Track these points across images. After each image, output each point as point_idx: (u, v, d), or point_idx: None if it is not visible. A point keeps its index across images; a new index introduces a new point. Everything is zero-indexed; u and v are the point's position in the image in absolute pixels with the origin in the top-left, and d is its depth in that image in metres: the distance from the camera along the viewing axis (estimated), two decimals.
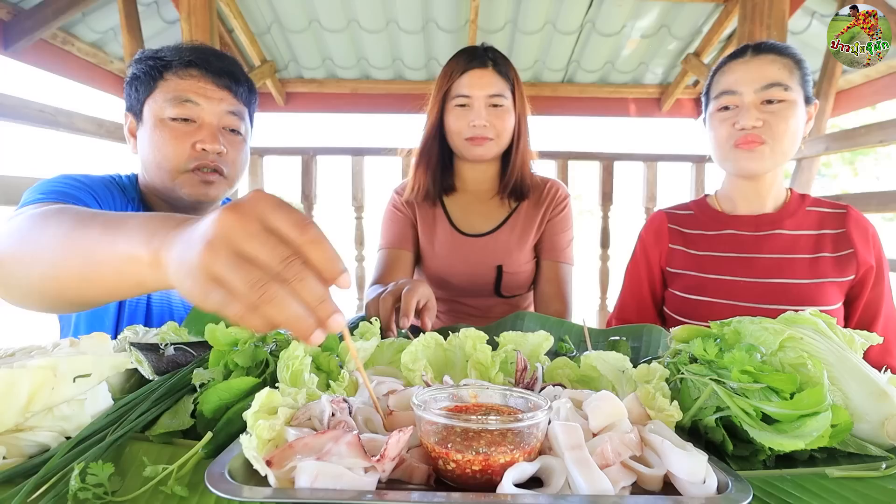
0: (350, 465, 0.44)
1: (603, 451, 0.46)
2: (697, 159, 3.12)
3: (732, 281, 1.16)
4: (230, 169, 1.10)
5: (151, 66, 1.06)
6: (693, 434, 0.60)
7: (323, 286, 0.43)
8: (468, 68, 1.29)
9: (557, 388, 0.64)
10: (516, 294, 1.44)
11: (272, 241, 0.41)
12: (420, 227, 1.45)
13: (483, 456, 0.44)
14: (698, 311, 1.18)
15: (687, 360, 0.65)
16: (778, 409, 0.53)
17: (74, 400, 0.56)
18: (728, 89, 1.12)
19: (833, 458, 0.57)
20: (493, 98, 1.29)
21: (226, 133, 1.09)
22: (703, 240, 1.23)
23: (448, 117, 1.32)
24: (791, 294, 1.11)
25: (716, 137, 1.16)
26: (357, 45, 3.61)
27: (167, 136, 1.04)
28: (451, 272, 1.41)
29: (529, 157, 1.41)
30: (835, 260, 1.12)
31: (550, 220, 1.43)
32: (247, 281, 0.40)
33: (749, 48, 1.13)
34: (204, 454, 0.52)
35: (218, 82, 1.07)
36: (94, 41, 3.25)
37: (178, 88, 1.04)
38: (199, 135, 1.05)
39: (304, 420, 0.52)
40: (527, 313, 1.08)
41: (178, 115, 1.04)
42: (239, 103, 1.10)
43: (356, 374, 0.66)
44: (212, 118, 1.06)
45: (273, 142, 3.26)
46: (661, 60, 3.81)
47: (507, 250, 1.39)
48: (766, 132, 1.08)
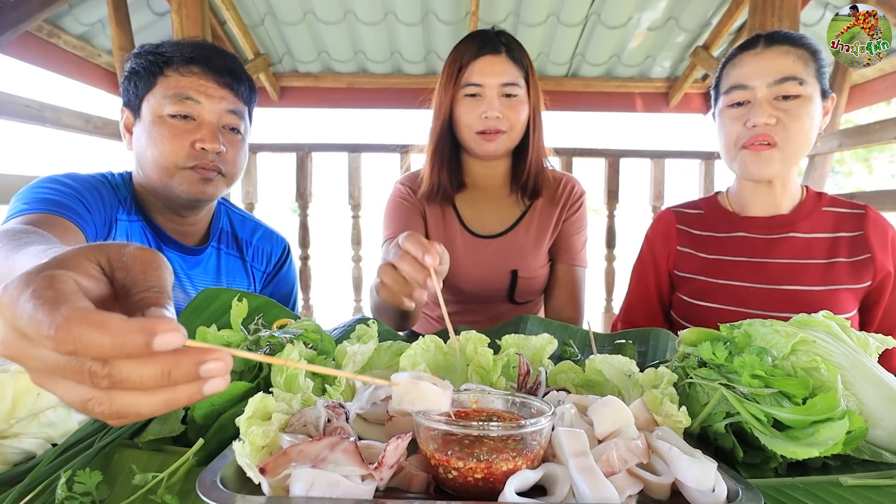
0: (347, 472, 0.44)
1: (608, 459, 0.46)
2: (706, 156, 3.12)
3: (742, 287, 1.14)
4: (229, 168, 1.11)
5: (151, 61, 1.06)
6: (702, 441, 0.60)
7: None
8: (479, 55, 1.22)
9: (561, 393, 0.64)
10: (529, 301, 1.40)
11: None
12: (429, 225, 1.37)
13: (485, 463, 0.44)
14: (706, 318, 1.17)
15: (695, 364, 0.65)
16: (790, 414, 0.53)
17: (61, 406, 0.56)
18: (739, 83, 1.09)
19: (847, 465, 0.57)
20: (506, 87, 1.22)
21: (225, 132, 1.10)
22: (713, 242, 1.21)
23: (457, 109, 1.25)
24: (803, 301, 1.10)
25: (725, 136, 1.14)
26: (354, 37, 3.61)
27: (166, 133, 1.05)
28: (463, 277, 1.35)
29: (544, 152, 1.35)
30: (850, 265, 1.11)
31: (567, 219, 1.38)
32: None
33: (761, 38, 1.10)
34: (195, 461, 0.52)
35: (219, 80, 1.08)
36: (81, 34, 3.25)
37: (178, 85, 1.05)
38: (198, 133, 1.06)
39: (300, 426, 0.52)
40: (529, 317, 1.07)
41: (178, 112, 1.05)
42: (239, 102, 1.12)
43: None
44: (212, 117, 1.07)
45: (267, 138, 3.25)
46: (669, 54, 3.81)
47: (523, 253, 1.34)
48: (779, 132, 1.06)
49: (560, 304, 1.37)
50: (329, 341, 0.76)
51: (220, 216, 1.29)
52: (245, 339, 0.68)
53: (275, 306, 1.01)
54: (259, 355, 0.37)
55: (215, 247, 1.26)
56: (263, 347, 0.69)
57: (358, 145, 3.02)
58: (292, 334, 0.74)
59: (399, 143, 3.11)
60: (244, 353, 0.36)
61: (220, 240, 1.27)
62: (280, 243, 1.37)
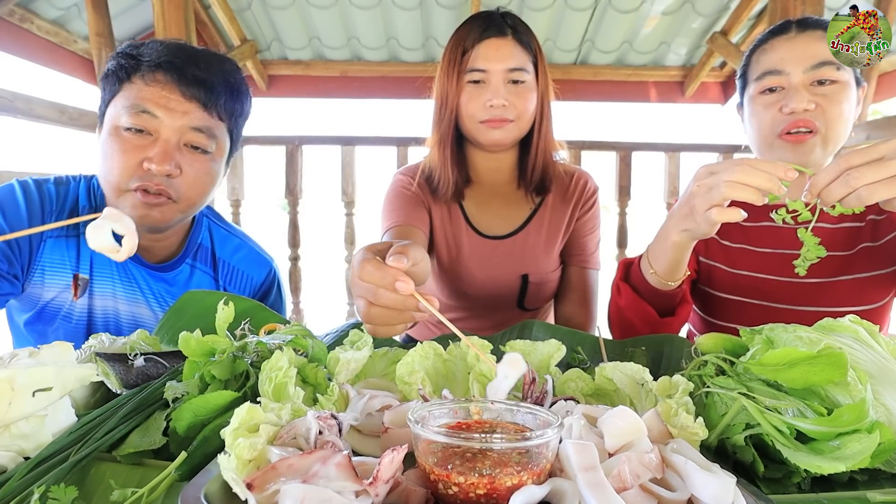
0: (339, 488, 0.44)
1: (620, 473, 0.46)
2: (725, 149, 3.12)
3: (768, 280, 1.16)
4: (182, 193, 1.04)
5: (122, 64, 1.02)
6: (720, 454, 0.60)
7: None
8: (483, 37, 1.20)
9: (569, 403, 0.64)
10: (539, 307, 1.40)
11: None
12: (435, 222, 1.34)
13: (487, 478, 0.44)
14: (728, 312, 1.18)
15: (713, 372, 0.65)
16: (815, 426, 0.53)
17: (34, 416, 0.56)
18: (773, 69, 1.10)
19: (875, 479, 0.57)
20: (513, 73, 1.20)
21: (186, 151, 1.03)
22: (738, 231, 1.22)
23: (460, 96, 1.23)
24: (831, 293, 1.11)
25: (758, 124, 1.14)
26: (347, 22, 3.62)
27: (116, 147, 1.00)
28: (468, 281, 1.33)
29: (553, 143, 1.33)
30: (878, 249, 1.12)
31: (580, 218, 1.36)
32: None
33: (793, 24, 1.11)
34: (178, 476, 0.52)
35: (186, 93, 1.01)
36: (55, 18, 3.25)
37: (138, 96, 1.00)
38: (150, 150, 0.99)
39: (289, 438, 0.51)
40: (535, 322, 1.06)
41: (133, 125, 0.99)
42: (210, 117, 1.04)
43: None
44: (170, 134, 1.01)
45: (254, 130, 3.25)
46: (685, 40, 3.81)
47: (534, 256, 1.32)
48: (819, 117, 1.06)
49: (571, 309, 1.36)
50: (321, 348, 0.76)
51: (200, 230, 1.23)
52: (231, 346, 0.68)
53: (263, 310, 1.02)
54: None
55: (190, 263, 1.20)
56: (250, 354, 0.69)
57: (351, 138, 3.02)
58: (281, 340, 0.74)
59: (396, 136, 3.12)
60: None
61: (196, 256, 1.21)
62: (264, 267, 1.29)
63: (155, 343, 0.85)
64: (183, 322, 0.95)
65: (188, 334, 0.66)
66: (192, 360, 0.66)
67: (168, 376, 0.70)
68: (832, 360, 0.54)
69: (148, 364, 0.73)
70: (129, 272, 1.14)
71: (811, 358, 0.55)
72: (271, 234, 3.42)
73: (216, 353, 0.66)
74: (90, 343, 0.82)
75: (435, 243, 1.35)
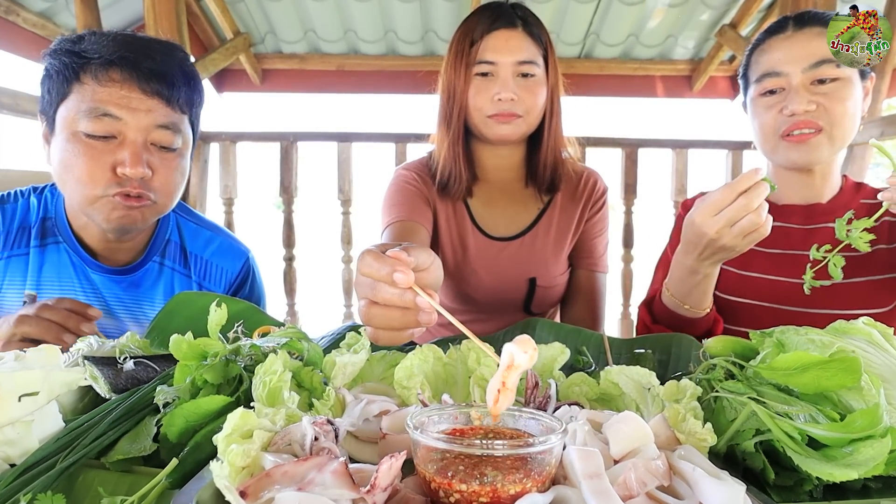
0: (336, 496, 0.44)
1: (626, 481, 0.46)
2: (734, 146, 3.12)
3: (777, 281, 1.16)
4: (159, 194, 1.04)
5: (66, 63, 0.98)
6: (729, 461, 0.60)
7: None
8: (492, 29, 1.19)
9: (574, 408, 0.64)
10: (545, 311, 1.40)
11: None
12: (440, 221, 1.33)
13: (490, 486, 0.44)
14: (738, 315, 1.19)
15: (722, 376, 0.65)
16: (827, 432, 0.53)
17: (20, 422, 0.56)
18: (771, 70, 1.11)
19: (889, 487, 0.57)
20: (522, 66, 1.19)
21: (154, 150, 1.02)
22: None
23: (468, 90, 1.22)
24: (844, 295, 1.11)
25: (760, 126, 1.15)
26: (344, 15, 3.61)
27: (82, 155, 0.97)
28: (474, 284, 1.33)
29: (562, 140, 1.33)
30: (892, 251, 1.12)
31: (589, 219, 1.36)
32: None
33: (790, 21, 1.12)
34: (168, 484, 0.52)
35: (146, 88, 0.99)
36: (42, 10, 3.25)
37: (95, 98, 0.97)
38: (119, 154, 0.98)
39: (284, 445, 0.51)
40: (538, 321, 1.06)
41: (95, 131, 0.97)
42: (174, 112, 1.03)
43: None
44: (136, 135, 0.99)
45: (248, 126, 3.27)
46: (692, 33, 3.80)
47: (542, 259, 1.32)
48: (821, 116, 1.07)
49: (578, 314, 1.36)
50: (316, 351, 0.76)
51: (167, 225, 1.22)
52: (224, 349, 0.68)
53: (256, 312, 1.02)
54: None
55: (157, 261, 1.19)
56: (243, 358, 0.69)
57: (348, 134, 3.02)
58: (276, 343, 0.74)
59: (394, 132, 3.11)
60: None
61: (164, 254, 1.20)
62: (239, 258, 1.28)
63: (145, 346, 0.85)
64: (174, 324, 0.95)
65: (179, 337, 0.66)
66: (183, 363, 0.66)
67: (159, 380, 0.70)
68: (845, 364, 0.54)
69: (138, 368, 0.73)
70: (90, 280, 1.14)
71: (823, 362, 0.55)
72: (265, 234, 3.42)
73: (208, 356, 0.66)
74: (78, 346, 0.82)
75: (440, 243, 1.34)
